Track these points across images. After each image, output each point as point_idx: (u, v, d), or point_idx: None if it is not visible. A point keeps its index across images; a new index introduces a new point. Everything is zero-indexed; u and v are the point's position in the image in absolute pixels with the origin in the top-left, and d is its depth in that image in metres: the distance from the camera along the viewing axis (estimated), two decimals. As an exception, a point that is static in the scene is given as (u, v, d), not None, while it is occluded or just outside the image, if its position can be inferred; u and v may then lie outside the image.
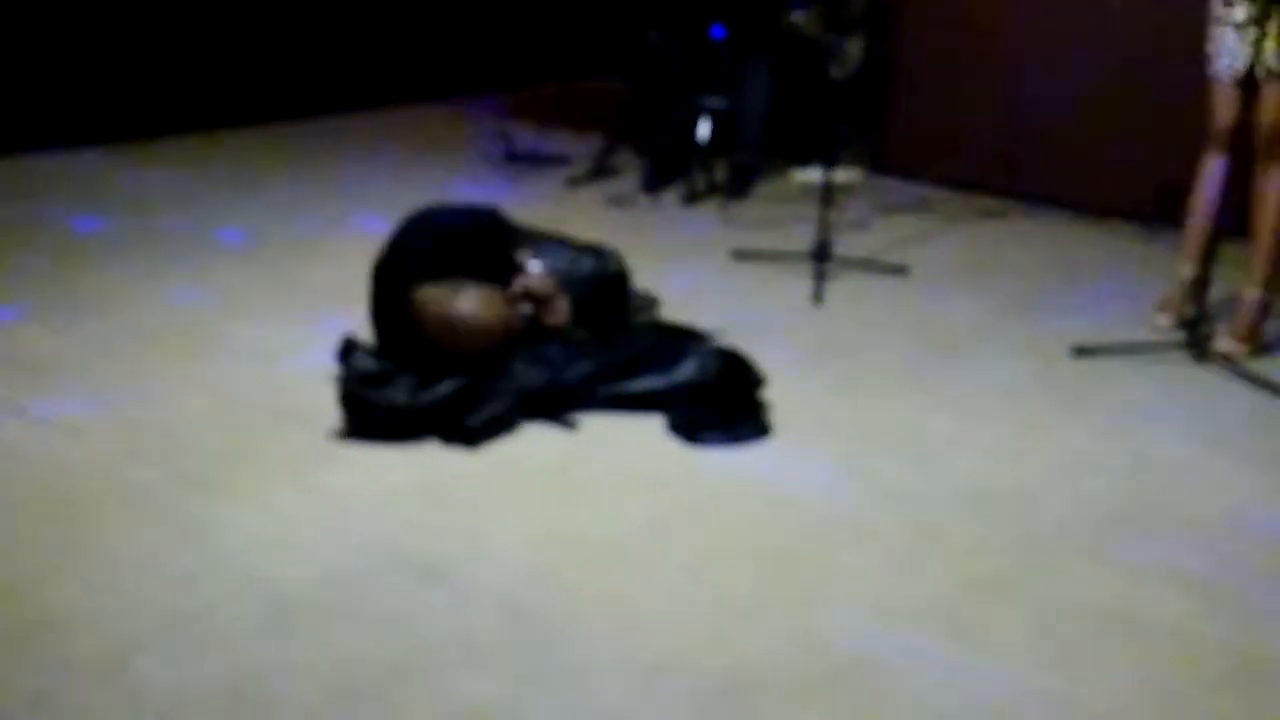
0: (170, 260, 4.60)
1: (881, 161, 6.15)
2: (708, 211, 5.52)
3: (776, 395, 3.53)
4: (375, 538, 2.83)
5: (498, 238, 3.71)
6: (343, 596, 2.60)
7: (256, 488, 3.03)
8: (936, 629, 2.56)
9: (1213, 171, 4.09)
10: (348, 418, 3.30)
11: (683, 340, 3.57)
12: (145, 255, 4.64)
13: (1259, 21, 3.77)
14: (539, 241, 3.82)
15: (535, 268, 3.61)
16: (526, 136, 6.37)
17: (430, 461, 3.19)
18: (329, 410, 3.38)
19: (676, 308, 4.11)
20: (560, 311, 3.58)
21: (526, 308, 3.54)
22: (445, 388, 3.28)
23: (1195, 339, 3.98)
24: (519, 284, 3.55)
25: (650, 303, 4.09)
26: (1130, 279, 4.76)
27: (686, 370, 3.42)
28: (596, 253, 3.92)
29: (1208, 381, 3.85)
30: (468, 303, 3.39)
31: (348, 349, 3.57)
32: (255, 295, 4.30)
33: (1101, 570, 2.80)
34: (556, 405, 3.38)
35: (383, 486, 3.06)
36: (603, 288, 3.79)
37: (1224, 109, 4.00)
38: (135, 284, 4.35)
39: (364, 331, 3.65)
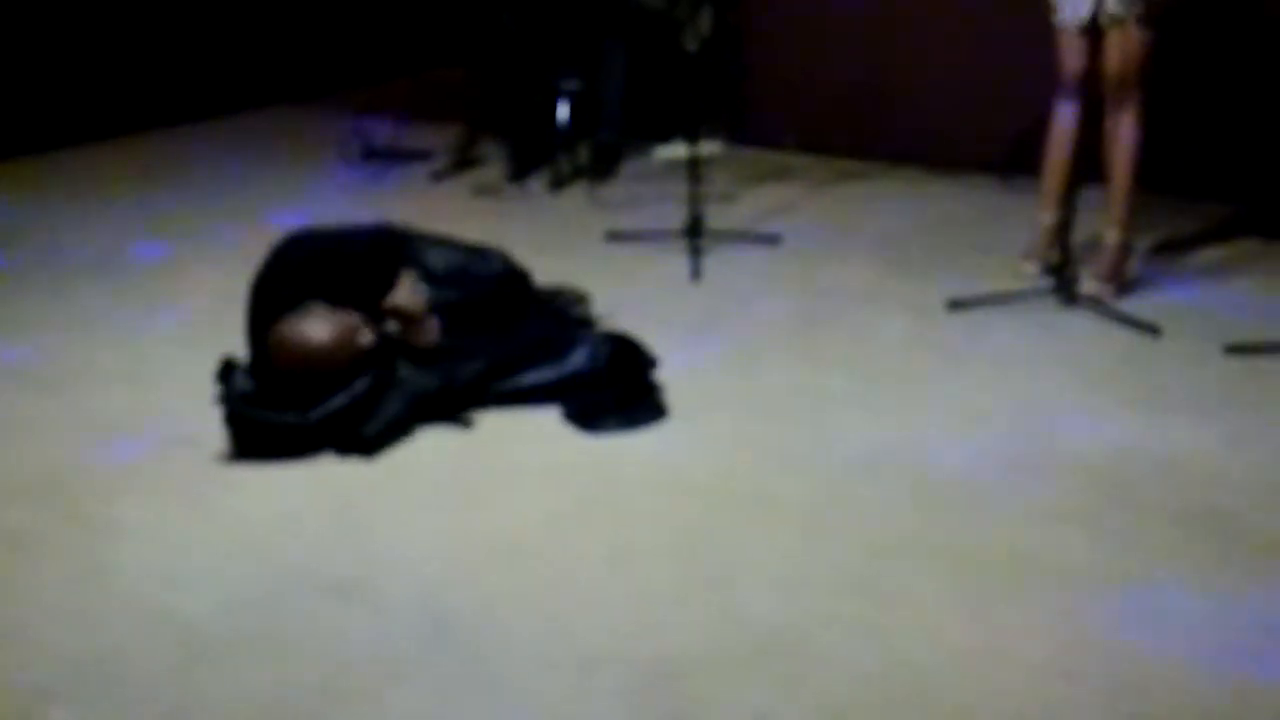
0: (23, 291, 4.42)
1: (740, 132, 6.19)
2: (575, 195, 5.51)
3: (667, 375, 3.55)
4: (281, 560, 2.77)
5: (378, 258, 3.61)
6: (256, 625, 2.55)
7: (151, 519, 2.95)
8: (853, 593, 2.61)
9: (1064, 118, 4.19)
10: (236, 439, 3.22)
11: (571, 329, 3.55)
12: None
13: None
14: (432, 247, 3.73)
15: (410, 286, 3.51)
16: (383, 132, 6.27)
17: (327, 476, 3.13)
18: (215, 433, 3.30)
19: (555, 295, 4.09)
20: (429, 331, 3.47)
21: (393, 326, 3.44)
22: (337, 401, 3.21)
23: (1062, 284, 4.09)
24: (387, 302, 3.46)
25: (579, 299, 4.02)
26: (994, 230, 4.87)
27: (577, 359, 3.42)
28: (483, 253, 3.83)
29: (1079, 324, 3.97)
30: (310, 328, 3.27)
31: (226, 369, 3.48)
32: (117, 319, 4.16)
33: (1003, 518, 2.88)
34: (451, 406, 3.35)
35: (282, 506, 3.00)
36: (504, 287, 3.72)
37: (1071, 56, 4.10)
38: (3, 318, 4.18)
39: (236, 351, 3.56)
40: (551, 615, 2.55)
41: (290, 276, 3.45)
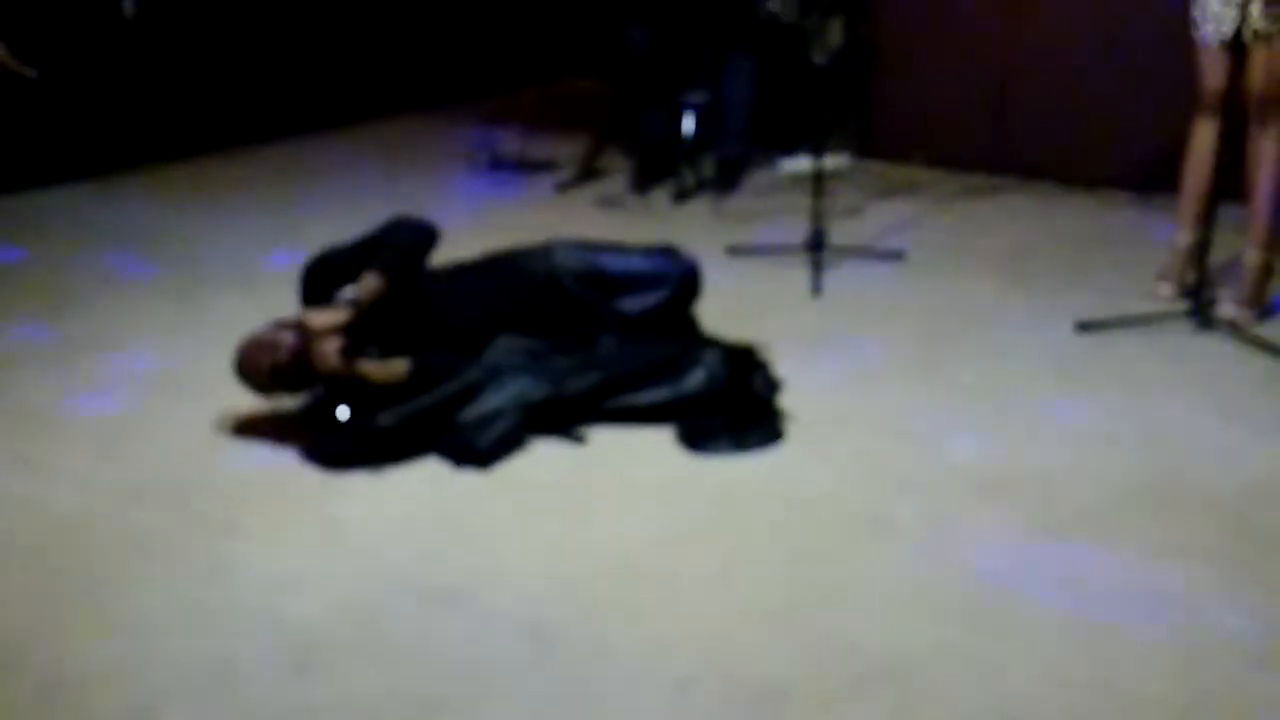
0: (159, 301, 4.56)
1: (868, 145, 6.13)
2: (698, 208, 5.50)
3: (784, 391, 3.51)
4: (391, 567, 2.81)
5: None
6: (363, 631, 2.58)
7: (265, 525, 3.01)
8: (964, 622, 2.55)
9: (1204, 137, 4.07)
10: (318, 446, 3.29)
11: (694, 347, 3.49)
12: (112, 299, 4.61)
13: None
14: (606, 252, 3.68)
15: (344, 296, 3.48)
16: (511, 142, 6.34)
17: (439, 484, 3.17)
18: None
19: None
20: (326, 356, 3.31)
21: (290, 338, 3.33)
22: (420, 402, 3.27)
23: (1199, 307, 3.96)
24: (298, 316, 3.45)
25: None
26: (1128, 249, 4.75)
27: (694, 380, 3.37)
28: (665, 252, 3.73)
29: (1215, 349, 3.84)
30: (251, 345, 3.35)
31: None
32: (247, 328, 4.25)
33: (1126, 552, 2.79)
34: (562, 418, 3.36)
35: (393, 513, 3.04)
36: (681, 289, 3.64)
37: (1212, 73, 3.97)
38: (120, 324, 4.32)
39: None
40: (653, 633, 2.54)
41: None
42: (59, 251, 5.06)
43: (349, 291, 3.48)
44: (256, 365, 3.32)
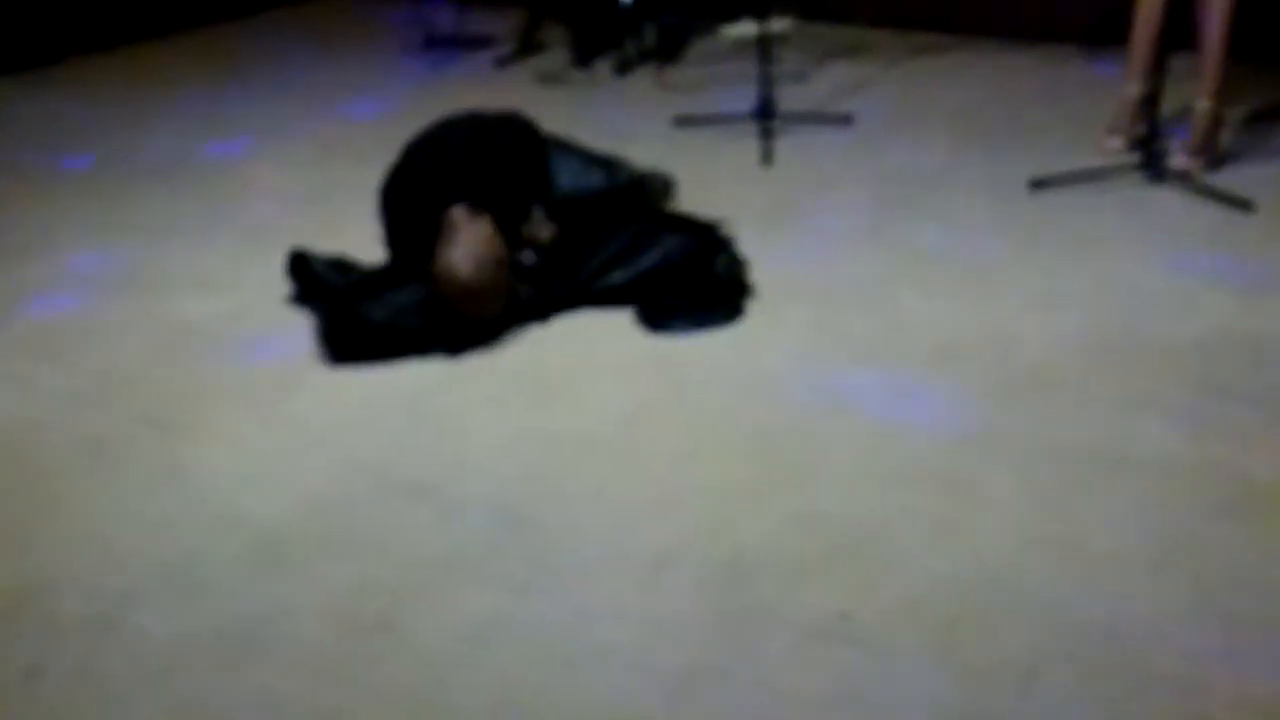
0: (92, 193, 4.43)
1: (811, 7, 6.00)
2: (642, 80, 5.40)
3: (745, 269, 3.48)
4: (355, 460, 2.78)
5: (531, 149, 3.58)
6: (331, 525, 2.57)
7: (223, 422, 2.97)
8: (929, 488, 2.57)
9: (1154, -15, 4.02)
10: (333, 337, 3.21)
11: (655, 229, 3.45)
12: (59, 193, 4.48)
13: None
14: (555, 150, 3.67)
15: (544, 220, 3.47)
16: (445, 19, 6.17)
17: (398, 375, 3.13)
18: (286, 330, 3.32)
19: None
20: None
21: (529, 257, 3.39)
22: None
23: (1150, 158, 3.95)
24: (527, 232, 3.41)
25: (665, 185, 3.94)
26: (1078, 103, 4.71)
27: (651, 258, 3.34)
28: (607, 164, 3.76)
29: (1167, 201, 3.84)
30: (480, 270, 3.18)
31: (298, 262, 3.49)
32: (186, 220, 4.17)
33: (1085, 409, 2.81)
34: (538, 314, 3.34)
35: (353, 406, 3.01)
36: (613, 201, 3.64)
37: (1161, -80, 3.91)
38: (55, 222, 4.20)
39: (307, 243, 3.56)
40: (623, 513, 2.55)
41: (453, 170, 3.38)
42: (-16, 151, 4.92)
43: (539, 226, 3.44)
44: (494, 296, 3.23)
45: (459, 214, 3.23)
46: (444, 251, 3.18)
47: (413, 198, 3.37)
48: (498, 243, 3.24)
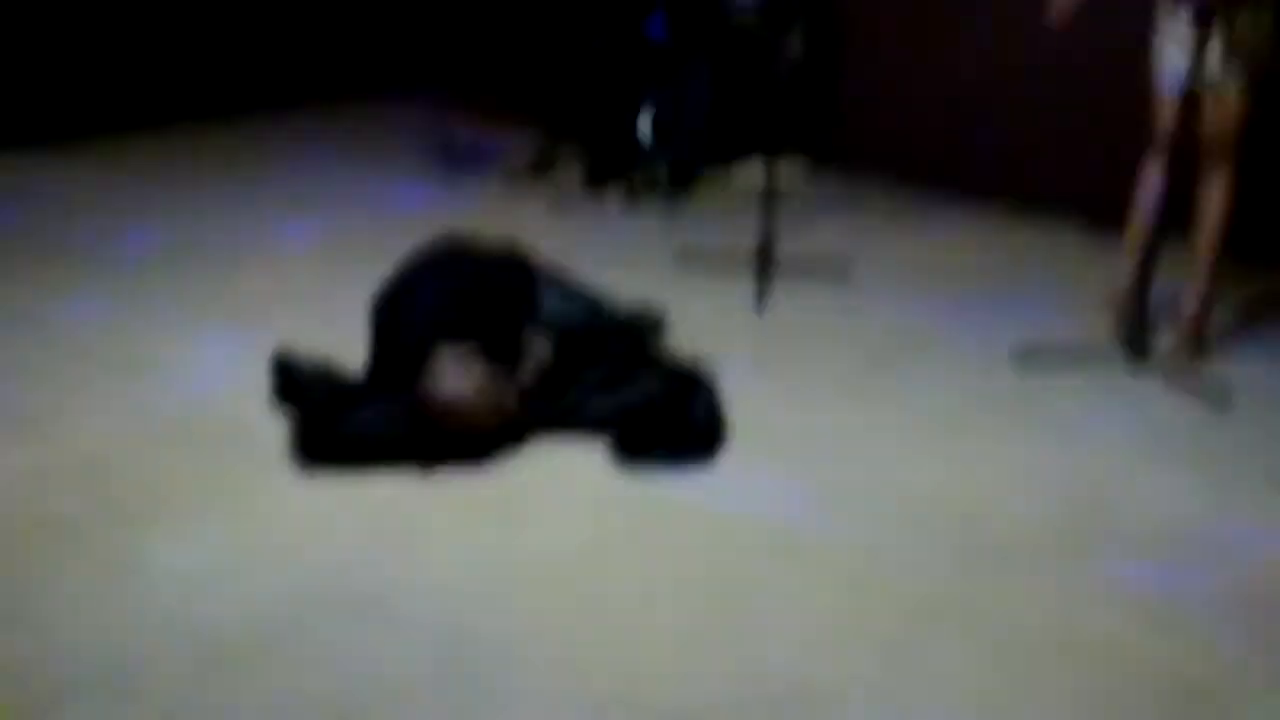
0: (81, 270, 4.47)
1: (825, 156, 6.12)
2: (650, 213, 5.48)
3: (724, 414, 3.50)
4: (311, 571, 2.78)
5: (523, 293, 3.62)
6: (276, 637, 2.55)
7: (185, 518, 2.97)
8: (882, 658, 2.56)
9: (1154, 178, 4.10)
10: (307, 443, 3.22)
11: (637, 362, 3.51)
12: (57, 263, 4.52)
13: (1200, 37, 3.75)
14: (553, 286, 3.72)
15: (540, 343, 3.51)
16: (464, 131, 6.28)
17: (366, 488, 3.13)
18: (260, 431, 3.33)
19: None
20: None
21: (527, 379, 3.41)
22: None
23: (1136, 345, 3.99)
24: (525, 367, 3.44)
25: (656, 323, 3.96)
26: (1072, 280, 4.77)
27: (630, 394, 3.38)
28: (595, 303, 3.80)
29: (1149, 390, 3.87)
30: (474, 390, 3.22)
31: (282, 364, 3.51)
32: (176, 306, 4.21)
33: (1043, 593, 2.81)
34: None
35: (317, 515, 3.01)
36: (597, 339, 3.68)
37: (1166, 118, 4.00)
38: (45, 294, 4.24)
39: (294, 343, 3.59)
40: (572, 651, 2.53)
41: (439, 309, 3.43)
42: None
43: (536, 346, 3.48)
44: (486, 418, 3.25)
45: (448, 353, 3.27)
46: (435, 373, 3.22)
47: (401, 331, 3.42)
48: (483, 364, 3.26)
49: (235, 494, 3.07)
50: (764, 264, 4.52)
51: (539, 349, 3.46)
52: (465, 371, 3.22)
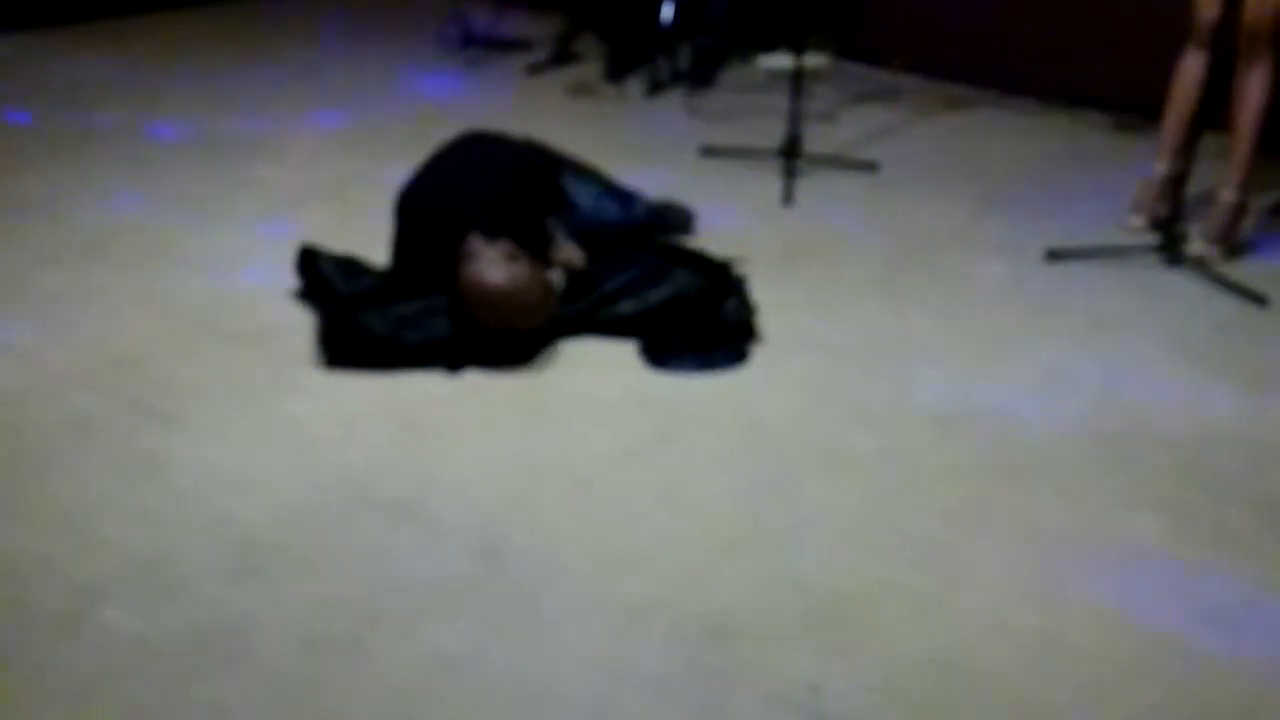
0: (108, 159, 4.41)
1: (849, 47, 5.98)
2: (673, 102, 5.36)
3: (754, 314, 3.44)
4: (341, 472, 2.75)
5: (548, 183, 3.56)
6: (309, 538, 2.53)
7: (215, 417, 2.94)
8: (916, 563, 2.53)
9: (1192, 69, 3.98)
10: (332, 345, 3.17)
11: (667, 263, 3.43)
12: (80, 154, 4.45)
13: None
14: (572, 178, 3.67)
15: (563, 238, 3.45)
16: (483, 19, 6.14)
17: (396, 387, 3.09)
18: (289, 328, 3.29)
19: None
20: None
21: (558, 278, 3.34)
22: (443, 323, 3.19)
23: (1169, 241, 3.92)
24: (556, 256, 3.38)
25: (684, 217, 3.92)
26: (1104, 175, 4.68)
27: (661, 293, 3.32)
28: (624, 196, 3.76)
29: (1181, 287, 3.80)
30: (524, 282, 3.14)
31: (307, 260, 3.46)
32: (203, 198, 4.14)
33: (1079, 494, 2.77)
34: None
35: (347, 415, 2.97)
36: (628, 235, 3.63)
37: (1206, 6, 3.88)
38: (71, 187, 4.17)
39: (320, 236, 3.54)
40: (604, 556, 2.51)
41: (472, 199, 3.34)
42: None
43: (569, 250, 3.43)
44: (527, 316, 3.19)
45: (478, 242, 3.20)
46: (472, 267, 3.15)
47: (429, 223, 3.34)
48: (526, 257, 3.20)
49: (264, 392, 3.04)
50: (790, 157, 4.43)
51: (569, 246, 3.40)
52: (509, 264, 3.15)
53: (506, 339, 3.18)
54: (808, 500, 2.73)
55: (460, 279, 3.15)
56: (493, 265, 3.14)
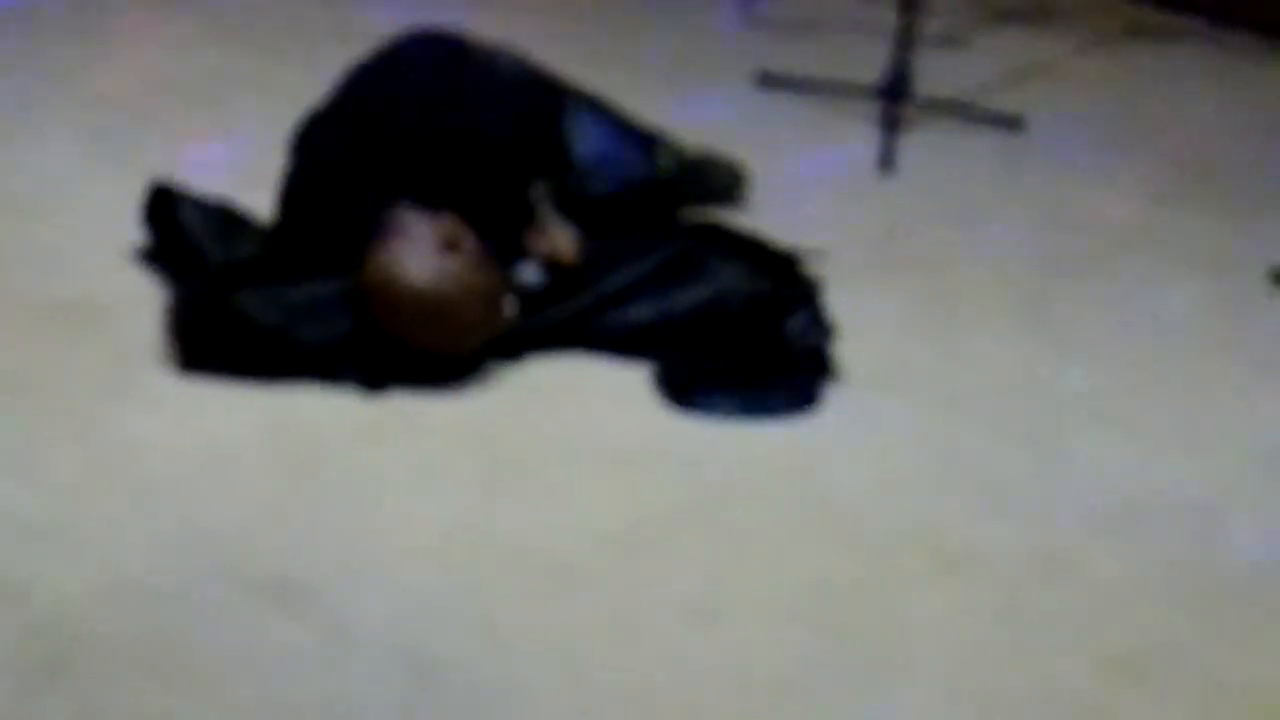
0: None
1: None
2: (721, 13, 5.44)
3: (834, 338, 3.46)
4: (199, 531, 2.77)
5: (542, 131, 3.61)
6: (145, 629, 2.54)
7: (24, 441, 2.96)
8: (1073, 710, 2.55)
9: None
10: (190, 333, 3.20)
11: (706, 248, 3.49)
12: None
13: None
14: (577, 111, 3.71)
15: (550, 213, 3.50)
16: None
17: (286, 408, 3.12)
18: (128, 304, 3.34)
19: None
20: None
21: (532, 275, 3.40)
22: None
23: None
24: (538, 245, 3.43)
25: (734, 180, 3.99)
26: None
27: (693, 295, 3.37)
28: (649, 141, 3.82)
29: None
30: (450, 279, 3.16)
31: (161, 204, 3.47)
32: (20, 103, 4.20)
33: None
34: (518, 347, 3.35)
35: (211, 445, 3.01)
36: (651, 198, 3.71)
37: None
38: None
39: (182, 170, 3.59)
40: (589, 693, 2.51)
41: (391, 130, 3.38)
42: None
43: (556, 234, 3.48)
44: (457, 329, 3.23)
45: (406, 214, 3.22)
46: (384, 253, 3.17)
47: (343, 174, 3.37)
48: (472, 247, 3.22)
49: (87, 403, 3.07)
50: (894, 99, 4.46)
51: (558, 228, 3.44)
52: (440, 256, 3.17)
53: (426, 357, 3.22)
54: (900, 623, 2.74)
55: (366, 263, 3.18)
56: (415, 254, 3.17)
